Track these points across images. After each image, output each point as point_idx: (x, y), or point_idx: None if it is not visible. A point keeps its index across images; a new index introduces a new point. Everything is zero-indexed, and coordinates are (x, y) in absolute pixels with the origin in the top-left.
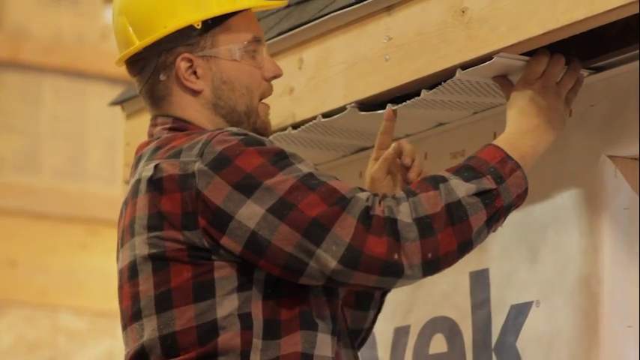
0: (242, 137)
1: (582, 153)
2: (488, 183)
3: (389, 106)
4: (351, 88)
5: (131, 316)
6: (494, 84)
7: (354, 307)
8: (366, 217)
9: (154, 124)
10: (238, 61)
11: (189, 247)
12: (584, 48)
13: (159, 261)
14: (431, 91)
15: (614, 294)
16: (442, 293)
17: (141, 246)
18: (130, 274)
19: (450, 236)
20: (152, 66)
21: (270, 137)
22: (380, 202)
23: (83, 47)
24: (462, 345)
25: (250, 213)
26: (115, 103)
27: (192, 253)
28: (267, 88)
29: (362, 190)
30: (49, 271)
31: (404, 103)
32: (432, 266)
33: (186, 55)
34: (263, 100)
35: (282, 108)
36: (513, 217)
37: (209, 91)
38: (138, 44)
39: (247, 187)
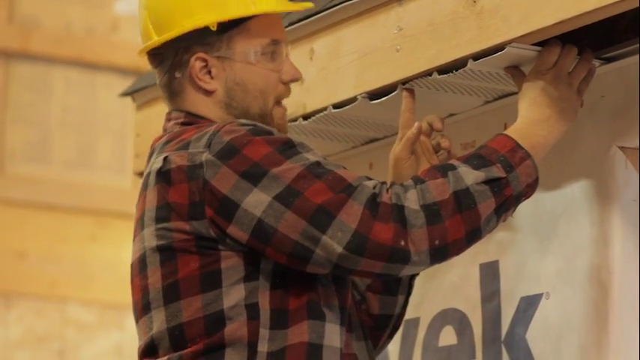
0: (250, 127)
1: (593, 144)
2: (497, 171)
3: (400, 87)
4: (361, 79)
5: (141, 309)
6: (504, 73)
7: (382, 293)
8: (373, 203)
9: (168, 119)
10: (253, 64)
11: (197, 237)
12: (595, 38)
13: (166, 252)
14: (442, 75)
15: (625, 285)
16: (452, 285)
17: (149, 238)
18: (140, 267)
19: (458, 223)
20: (169, 62)
21: None
22: (387, 190)
23: (93, 38)
24: (471, 337)
25: (257, 201)
26: (125, 94)
27: (199, 243)
28: (284, 91)
29: (369, 179)
30: (58, 262)
31: (415, 81)
32: (439, 253)
33: (200, 54)
34: (281, 102)
35: (293, 98)
36: (524, 209)
37: (222, 92)
38: (155, 40)
39: (254, 176)
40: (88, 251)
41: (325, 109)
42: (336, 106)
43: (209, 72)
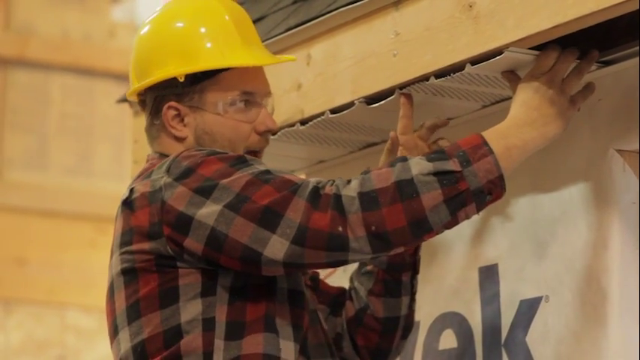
0: (206, 151)
1: (590, 147)
2: (452, 165)
3: (397, 92)
4: (359, 84)
5: (112, 332)
6: (502, 77)
7: (385, 296)
8: (315, 196)
9: (147, 161)
10: (222, 115)
11: (156, 256)
12: (592, 42)
13: (129, 274)
14: (439, 79)
15: (624, 288)
16: (452, 289)
17: (115, 264)
18: (109, 294)
19: (398, 212)
20: (149, 108)
21: (278, 134)
22: (332, 184)
23: (91, 45)
24: (471, 340)
25: (209, 211)
26: (122, 100)
27: (158, 262)
28: (257, 141)
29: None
30: (57, 268)
31: (412, 86)
32: (379, 239)
33: (173, 103)
34: (258, 152)
35: (290, 104)
36: (522, 212)
37: (192, 139)
38: (135, 87)
39: (206, 190)
40: (87, 257)
41: (323, 114)
42: (333, 111)
43: (182, 120)
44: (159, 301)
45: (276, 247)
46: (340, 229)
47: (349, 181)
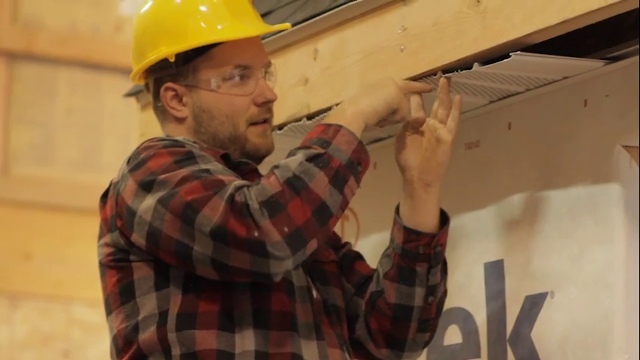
0: (165, 142)
1: (597, 143)
2: (315, 150)
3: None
4: (366, 79)
5: None
6: (510, 74)
7: (398, 282)
8: (231, 199)
9: None
10: (216, 91)
11: (114, 250)
12: (599, 37)
13: (101, 268)
14: (446, 75)
15: (629, 284)
16: (457, 284)
17: (97, 255)
18: None
19: (300, 205)
20: (151, 91)
21: (285, 128)
22: (240, 191)
23: (98, 39)
24: (476, 336)
25: (147, 206)
26: (129, 94)
27: (116, 257)
28: (257, 113)
29: (246, 182)
30: (63, 263)
31: (419, 80)
32: (295, 239)
33: (169, 84)
34: (262, 121)
35: (297, 98)
36: (528, 208)
37: (191, 119)
38: (134, 71)
39: (148, 184)
40: (93, 252)
41: (329, 108)
42: None
43: (180, 100)
44: (119, 297)
45: (202, 244)
46: (256, 233)
47: (249, 189)
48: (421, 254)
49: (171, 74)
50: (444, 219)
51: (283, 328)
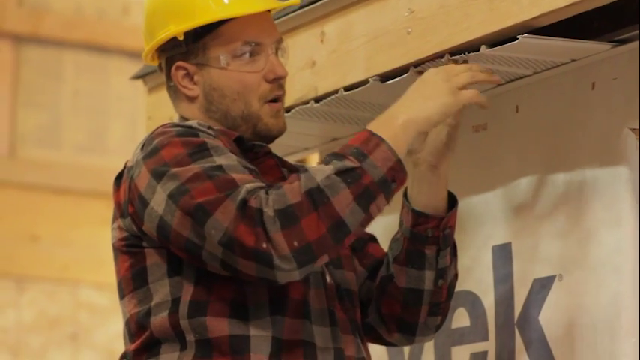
0: (179, 129)
1: (605, 126)
2: (349, 162)
3: (412, 69)
4: (372, 62)
5: None
6: (518, 57)
7: (407, 265)
8: (243, 205)
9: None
10: (226, 68)
11: (127, 235)
12: (607, 20)
13: (114, 251)
14: (453, 57)
15: (637, 266)
16: (465, 267)
17: (111, 238)
18: None
19: (315, 221)
20: (164, 71)
21: (292, 111)
22: (256, 195)
23: (104, 22)
24: (484, 319)
25: (158, 199)
26: (136, 77)
27: (129, 241)
28: (269, 90)
29: (259, 182)
30: (70, 246)
31: (426, 63)
32: (304, 254)
33: (180, 63)
34: (276, 99)
35: (304, 81)
36: (536, 191)
37: (202, 97)
38: (145, 51)
39: (160, 175)
40: (100, 235)
41: (336, 91)
42: (347, 88)
43: (192, 79)
44: (132, 282)
45: (212, 245)
46: (264, 245)
47: (268, 194)
48: (430, 237)
49: (181, 53)
50: (452, 201)
51: (297, 315)
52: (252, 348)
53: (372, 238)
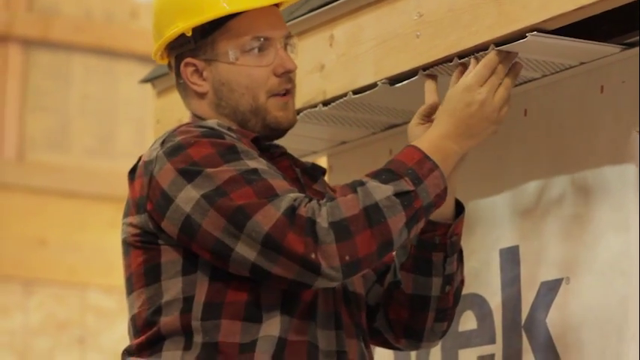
0: (203, 130)
1: (613, 129)
2: (406, 185)
3: (421, 72)
4: (381, 65)
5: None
6: (526, 58)
7: (414, 272)
8: (291, 213)
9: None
10: (235, 63)
11: (142, 231)
12: (615, 23)
13: (125, 246)
14: (463, 59)
15: None
16: (472, 270)
17: (121, 233)
18: None
19: (368, 238)
20: (173, 69)
21: (301, 114)
22: (306, 204)
23: (113, 25)
24: (491, 322)
25: (187, 197)
26: (145, 80)
27: (143, 238)
28: (277, 84)
29: (298, 191)
30: (78, 249)
31: (435, 67)
32: (351, 268)
33: (188, 60)
34: (285, 93)
35: (313, 85)
36: (543, 194)
37: (212, 93)
38: (154, 49)
39: (190, 173)
40: (107, 238)
41: (345, 95)
42: (356, 92)
43: (201, 75)
44: (144, 278)
45: (247, 248)
46: (313, 255)
47: (320, 204)
48: (437, 244)
49: (190, 49)
50: (459, 208)
51: (304, 317)
52: (257, 348)
53: None
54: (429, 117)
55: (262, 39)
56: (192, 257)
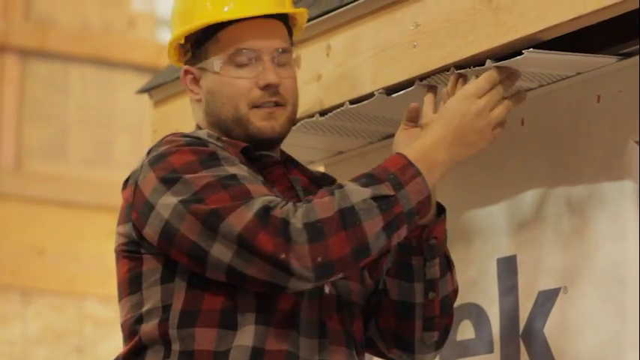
0: (188, 139)
1: (610, 139)
2: (386, 189)
3: (417, 82)
4: (379, 75)
5: None
6: (523, 71)
7: (398, 277)
8: (264, 214)
9: None
10: (219, 73)
11: (128, 240)
12: (612, 33)
13: (115, 255)
14: (459, 71)
15: None
16: (470, 279)
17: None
18: None
19: (342, 240)
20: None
21: (298, 124)
22: (282, 207)
23: (110, 36)
24: (489, 331)
25: (166, 203)
26: (142, 90)
27: (129, 247)
28: (259, 96)
29: (274, 196)
30: (76, 259)
31: (432, 77)
32: (324, 269)
33: (187, 68)
34: (266, 104)
35: (310, 95)
36: (541, 203)
37: (204, 101)
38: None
39: (170, 180)
40: (105, 247)
41: (342, 105)
42: (353, 102)
43: (197, 83)
44: (128, 287)
45: (222, 250)
46: (283, 256)
47: (296, 207)
48: (414, 247)
49: (189, 58)
50: (441, 213)
51: (284, 325)
52: (231, 357)
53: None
54: (413, 122)
55: (247, 50)
56: (171, 265)
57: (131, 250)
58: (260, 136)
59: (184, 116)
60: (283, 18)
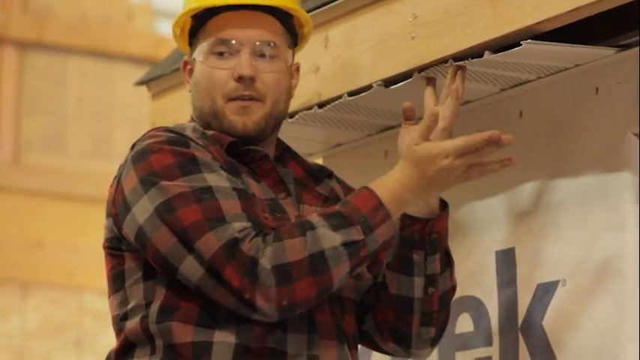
0: (170, 135)
1: (608, 131)
2: (355, 234)
3: (416, 74)
4: (377, 67)
5: None
6: (522, 62)
7: (398, 271)
8: (232, 247)
9: None
10: (203, 63)
11: (110, 236)
12: (610, 25)
13: (103, 250)
14: (458, 63)
15: None
16: (468, 272)
17: None
18: None
19: (309, 286)
20: None
21: (296, 116)
22: (251, 239)
23: (108, 28)
24: (488, 324)
25: (142, 208)
26: (140, 83)
27: (111, 244)
28: (234, 89)
29: (248, 220)
30: (75, 252)
31: (430, 69)
32: (287, 310)
33: (186, 58)
34: (241, 97)
35: (308, 87)
36: (539, 196)
37: (192, 92)
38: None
39: (148, 183)
40: None
41: (340, 97)
42: (351, 94)
43: (191, 74)
44: (113, 284)
45: (191, 270)
46: (248, 295)
47: (265, 242)
48: (416, 241)
49: (190, 49)
50: (444, 209)
51: (268, 323)
52: (213, 354)
53: None
54: (411, 120)
55: (225, 41)
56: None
57: (113, 247)
58: (234, 131)
59: (182, 108)
60: (279, 14)
